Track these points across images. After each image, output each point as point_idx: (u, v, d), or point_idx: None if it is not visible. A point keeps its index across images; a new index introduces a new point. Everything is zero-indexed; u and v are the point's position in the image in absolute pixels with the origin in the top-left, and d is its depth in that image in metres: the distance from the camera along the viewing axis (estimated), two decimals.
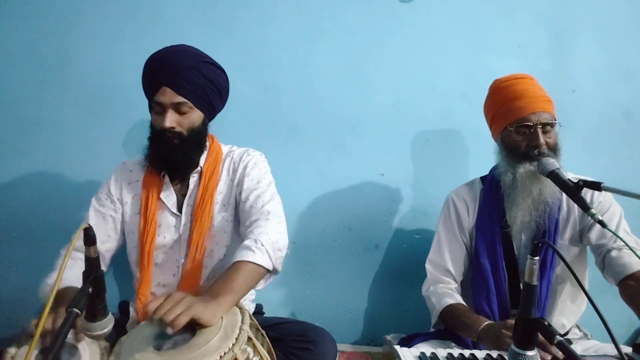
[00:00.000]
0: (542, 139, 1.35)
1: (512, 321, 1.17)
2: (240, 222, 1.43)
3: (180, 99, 1.29)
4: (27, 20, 1.79)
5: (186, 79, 1.29)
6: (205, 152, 1.44)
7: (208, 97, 1.35)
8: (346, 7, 1.88)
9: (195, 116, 1.35)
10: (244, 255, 1.18)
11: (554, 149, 1.37)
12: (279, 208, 1.37)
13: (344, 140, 1.92)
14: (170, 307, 0.97)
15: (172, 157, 1.34)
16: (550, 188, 1.36)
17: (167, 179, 1.41)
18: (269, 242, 1.22)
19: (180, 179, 1.42)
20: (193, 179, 1.42)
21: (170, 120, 1.29)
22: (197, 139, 1.37)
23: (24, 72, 1.80)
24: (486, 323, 1.28)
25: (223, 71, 1.41)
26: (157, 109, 1.32)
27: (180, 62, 1.29)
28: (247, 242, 1.22)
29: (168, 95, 1.29)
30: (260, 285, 1.26)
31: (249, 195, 1.36)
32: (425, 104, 1.93)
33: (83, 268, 1.23)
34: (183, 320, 0.94)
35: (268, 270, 1.22)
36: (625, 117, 1.99)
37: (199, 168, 1.42)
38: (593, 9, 1.95)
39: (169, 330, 0.94)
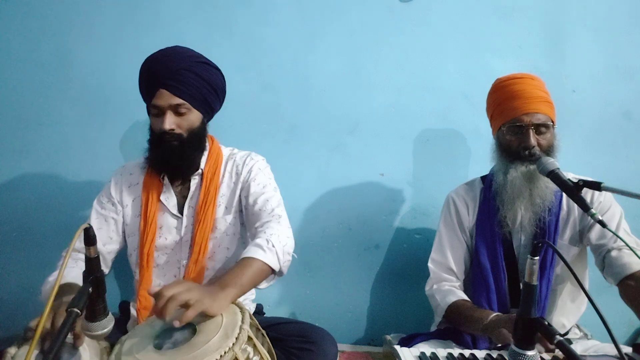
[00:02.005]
0: (532, 140, 1.35)
1: None
2: (245, 225, 1.44)
3: (178, 100, 1.29)
4: (28, 20, 1.79)
5: (182, 80, 1.29)
6: (206, 153, 1.44)
7: (205, 97, 1.35)
8: (346, 7, 1.89)
9: (194, 117, 1.35)
10: (254, 253, 1.18)
11: (547, 150, 1.37)
12: (286, 214, 1.38)
13: (344, 140, 1.92)
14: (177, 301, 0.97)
15: (173, 160, 1.34)
16: (541, 190, 1.37)
17: (167, 180, 1.42)
18: (280, 244, 1.23)
19: (180, 180, 1.42)
20: (194, 180, 1.42)
21: (169, 122, 1.30)
22: (196, 140, 1.38)
23: (25, 73, 1.80)
24: (494, 315, 1.28)
25: (218, 70, 1.41)
26: (155, 111, 1.32)
27: (174, 64, 1.29)
28: (258, 241, 1.22)
29: (165, 98, 1.29)
30: (263, 285, 1.26)
31: (257, 199, 1.37)
32: (425, 104, 1.93)
33: (83, 267, 1.24)
34: (190, 316, 0.95)
35: (273, 272, 1.23)
36: (625, 117, 1.99)
37: (199, 170, 1.42)
38: (592, 9, 1.95)
39: (176, 324, 0.95)
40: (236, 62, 1.84)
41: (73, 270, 1.24)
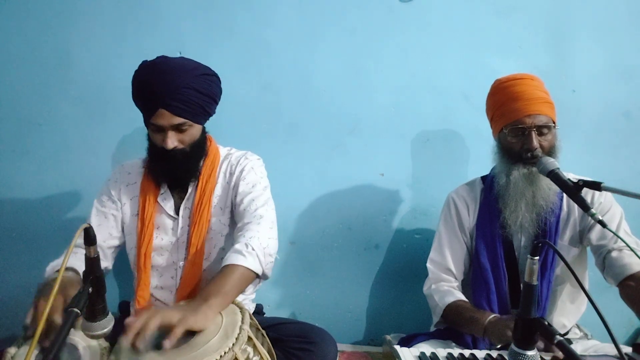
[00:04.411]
0: (535, 142, 1.35)
1: None
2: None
3: (179, 120, 1.27)
4: (28, 20, 1.79)
5: (183, 100, 1.25)
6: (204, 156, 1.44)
7: (204, 110, 1.33)
8: (346, 7, 1.88)
9: (195, 131, 1.34)
10: (234, 259, 1.18)
11: (549, 152, 1.37)
12: (271, 213, 1.37)
13: (344, 140, 1.92)
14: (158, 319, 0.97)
15: (177, 173, 1.35)
16: (544, 191, 1.37)
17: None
18: (260, 247, 1.23)
19: (180, 187, 1.42)
20: (191, 182, 1.41)
21: (172, 141, 1.28)
22: (199, 150, 1.38)
23: (24, 72, 1.80)
24: (493, 316, 1.29)
25: (216, 76, 1.38)
26: (155, 128, 1.30)
27: (174, 82, 1.24)
28: (237, 246, 1.22)
29: (166, 118, 1.26)
30: (250, 290, 1.26)
31: (244, 199, 1.37)
32: (425, 104, 1.93)
33: (81, 258, 1.24)
34: (178, 333, 0.95)
35: (257, 276, 1.23)
36: (625, 117, 1.99)
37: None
38: (593, 9, 1.95)
39: (166, 344, 0.94)
40: (236, 62, 1.84)
41: (74, 257, 1.24)
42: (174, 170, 1.34)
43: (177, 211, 1.41)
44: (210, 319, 1.04)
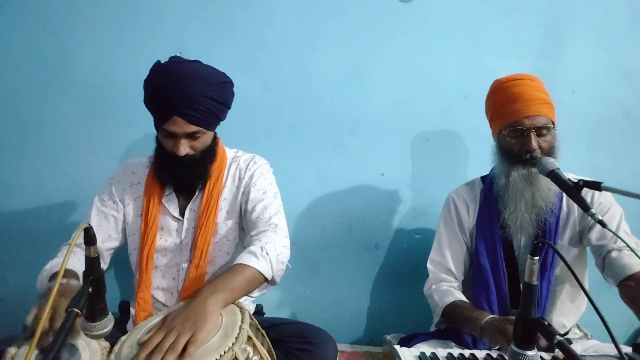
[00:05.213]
0: (534, 144, 1.35)
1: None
2: (244, 230, 1.43)
3: (194, 128, 1.26)
4: (29, 20, 1.79)
5: (199, 109, 1.24)
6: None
7: (218, 117, 1.33)
8: (346, 7, 1.88)
9: (208, 137, 1.34)
10: (247, 260, 1.19)
11: (549, 153, 1.37)
12: (284, 222, 1.37)
13: (344, 140, 1.92)
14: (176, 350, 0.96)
15: (187, 178, 1.35)
16: (543, 192, 1.37)
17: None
18: (274, 253, 1.23)
19: (187, 189, 1.41)
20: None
21: (184, 148, 1.27)
22: (209, 155, 1.37)
23: (25, 72, 1.80)
24: (490, 316, 1.29)
25: (230, 82, 1.36)
26: (167, 134, 1.28)
27: (191, 91, 1.22)
28: (252, 248, 1.22)
29: (180, 125, 1.24)
30: (256, 293, 1.27)
31: (256, 206, 1.36)
32: (425, 104, 1.93)
33: (80, 258, 1.23)
34: (192, 353, 0.95)
35: (266, 280, 1.23)
36: (625, 117, 1.99)
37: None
38: (592, 9, 1.95)
39: (187, 357, 0.94)
40: (237, 62, 1.84)
41: (70, 259, 1.23)
42: (184, 176, 1.34)
43: (182, 213, 1.40)
44: (215, 313, 1.05)
